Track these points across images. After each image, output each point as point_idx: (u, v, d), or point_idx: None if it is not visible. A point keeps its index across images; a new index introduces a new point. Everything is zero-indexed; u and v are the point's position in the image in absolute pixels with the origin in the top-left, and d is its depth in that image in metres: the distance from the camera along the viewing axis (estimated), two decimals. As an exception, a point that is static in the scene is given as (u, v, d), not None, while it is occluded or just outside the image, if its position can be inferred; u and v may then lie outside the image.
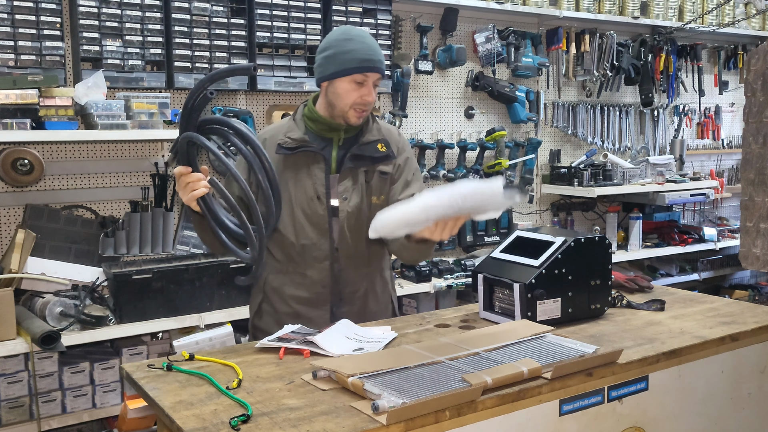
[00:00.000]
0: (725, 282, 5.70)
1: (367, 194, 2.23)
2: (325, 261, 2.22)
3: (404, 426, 1.47)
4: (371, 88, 2.17)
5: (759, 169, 3.36)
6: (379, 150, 2.24)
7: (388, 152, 2.26)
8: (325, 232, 2.20)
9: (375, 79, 2.18)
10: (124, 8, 3.06)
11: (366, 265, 2.28)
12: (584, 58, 4.71)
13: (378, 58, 2.16)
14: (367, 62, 2.13)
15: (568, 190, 4.53)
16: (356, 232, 2.22)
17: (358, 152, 2.22)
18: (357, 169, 2.22)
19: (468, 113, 4.35)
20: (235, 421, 1.44)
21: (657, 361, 1.90)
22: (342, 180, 2.21)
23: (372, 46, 2.17)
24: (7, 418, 2.84)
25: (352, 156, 2.21)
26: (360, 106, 2.16)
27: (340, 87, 2.15)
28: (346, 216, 2.20)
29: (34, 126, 2.76)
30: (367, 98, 2.15)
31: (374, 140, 2.25)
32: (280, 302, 2.27)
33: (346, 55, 2.13)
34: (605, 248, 2.23)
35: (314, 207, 2.19)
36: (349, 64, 2.12)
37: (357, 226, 2.22)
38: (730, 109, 5.78)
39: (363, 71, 2.13)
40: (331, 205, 2.20)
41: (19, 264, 2.80)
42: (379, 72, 2.17)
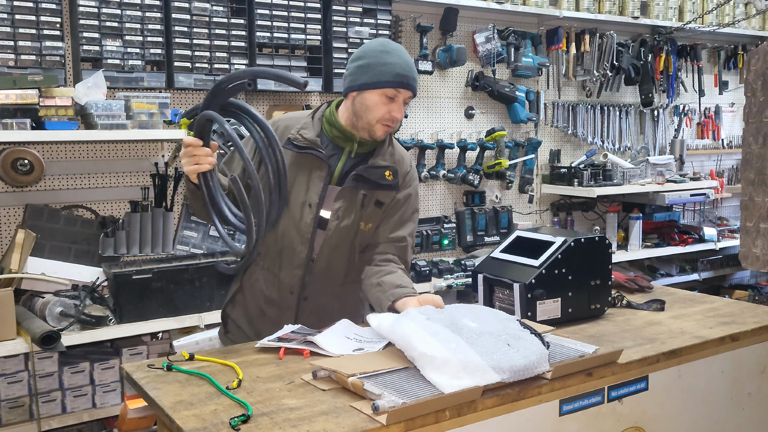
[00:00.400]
0: (725, 282, 5.70)
1: (357, 218, 2.17)
2: (298, 268, 2.17)
3: (404, 426, 1.47)
4: (401, 105, 2.10)
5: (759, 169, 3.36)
6: (386, 178, 2.17)
7: (393, 182, 2.19)
8: (306, 241, 2.15)
9: (406, 97, 2.11)
10: (124, 8, 3.06)
11: (339, 284, 2.23)
12: (584, 58, 4.71)
13: (413, 76, 2.10)
14: (403, 78, 2.07)
15: (568, 190, 4.53)
16: (336, 250, 2.18)
17: (363, 174, 2.15)
18: (357, 189, 2.16)
19: (468, 113, 4.35)
20: (235, 421, 1.45)
21: (657, 361, 1.90)
22: (339, 197, 2.15)
23: (409, 62, 2.10)
24: (7, 418, 2.84)
25: (356, 176, 2.14)
26: (387, 121, 2.11)
27: (370, 99, 2.08)
28: (333, 233, 2.15)
29: (34, 126, 2.76)
30: (395, 114, 2.09)
31: (383, 166, 2.17)
32: (251, 296, 2.26)
33: (382, 68, 2.06)
34: (605, 248, 2.23)
35: (303, 213, 2.15)
36: (384, 77, 2.06)
37: (339, 245, 2.17)
38: (730, 109, 5.78)
39: (396, 86, 2.06)
40: (320, 216, 2.15)
41: (19, 264, 2.80)
42: (412, 90, 2.10)
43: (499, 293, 2.23)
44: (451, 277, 3.83)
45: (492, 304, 2.26)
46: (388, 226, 2.22)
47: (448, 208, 4.33)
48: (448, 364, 1.55)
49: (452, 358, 1.55)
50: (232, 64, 3.31)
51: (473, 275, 2.31)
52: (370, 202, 2.17)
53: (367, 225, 2.19)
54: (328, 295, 2.22)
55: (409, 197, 2.26)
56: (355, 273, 2.24)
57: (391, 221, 2.22)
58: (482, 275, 2.26)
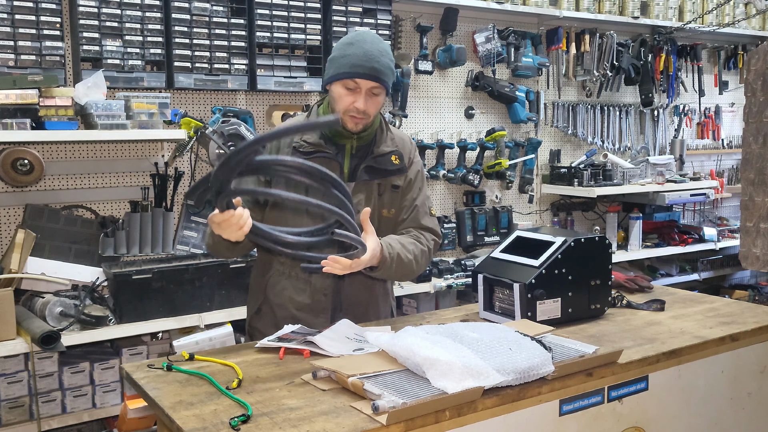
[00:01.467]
0: (725, 282, 5.70)
1: (378, 207, 2.21)
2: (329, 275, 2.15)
3: (404, 426, 1.47)
4: (363, 96, 2.08)
5: (759, 169, 3.35)
6: (394, 163, 2.21)
7: (401, 165, 2.23)
8: (335, 245, 2.12)
9: (369, 87, 2.09)
10: (124, 8, 3.06)
11: (369, 277, 2.22)
12: (584, 58, 4.71)
13: (373, 66, 2.07)
14: (359, 68, 2.06)
15: (568, 190, 4.53)
16: None
17: (373, 164, 2.18)
18: (372, 181, 2.19)
19: (468, 113, 4.35)
20: (235, 421, 1.45)
21: (657, 361, 1.90)
22: (356, 192, 2.17)
23: (370, 52, 2.07)
24: (7, 418, 2.84)
25: (367, 168, 2.18)
26: (352, 112, 2.10)
27: (335, 91, 2.11)
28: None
29: (34, 126, 2.76)
30: (358, 105, 2.08)
31: (389, 152, 2.22)
32: (279, 306, 2.25)
33: (342, 59, 2.08)
34: (605, 248, 2.24)
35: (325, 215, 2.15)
36: (342, 69, 2.08)
37: None
38: (730, 109, 5.78)
39: (352, 77, 2.06)
40: None
41: (19, 264, 2.80)
42: (371, 79, 2.07)
43: (499, 293, 2.23)
44: (451, 277, 3.83)
45: (492, 304, 2.26)
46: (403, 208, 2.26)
47: (448, 208, 4.33)
48: (452, 368, 1.55)
49: (456, 362, 1.55)
50: (232, 64, 3.31)
51: (473, 275, 2.31)
52: (386, 189, 2.22)
53: (390, 211, 2.23)
54: (361, 290, 2.25)
55: (418, 173, 2.30)
56: None
57: (405, 204, 2.26)
58: (482, 275, 2.26)
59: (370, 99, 2.11)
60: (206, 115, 3.45)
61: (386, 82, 2.11)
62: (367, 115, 2.12)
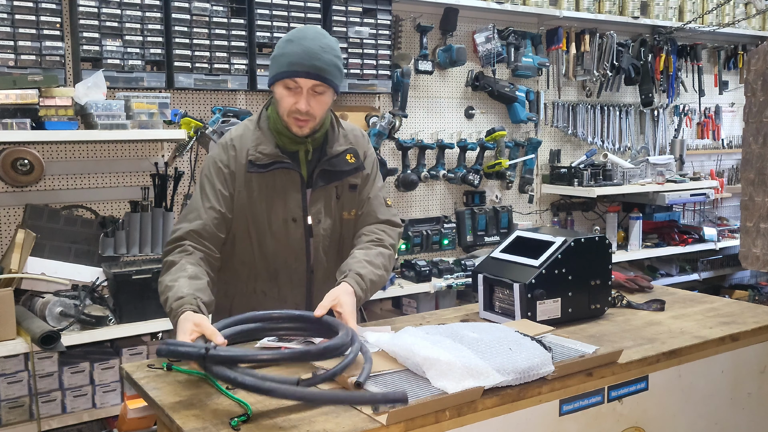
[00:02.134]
0: (725, 282, 5.70)
1: (338, 211, 2.13)
2: (300, 285, 2.12)
3: (404, 426, 1.47)
4: (305, 97, 1.96)
5: (759, 169, 3.35)
6: (349, 162, 2.11)
7: (357, 163, 2.13)
8: (301, 255, 2.10)
9: (311, 86, 1.96)
10: (124, 8, 3.06)
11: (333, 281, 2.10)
12: (584, 58, 4.71)
13: (313, 63, 1.94)
14: (296, 66, 1.93)
15: (568, 190, 4.53)
16: (331, 251, 2.14)
17: (328, 167, 2.08)
18: (328, 185, 2.10)
19: (468, 113, 4.35)
20: (235, 421, 1.44)
21: (657, 361, 1.90)
22: (315, 200, 2.08)
23: (309, 49, 1.94)
24: (7, 418, 2.84)
25: (322, 172, 2.07)
26: (295, 114, 1.98)
27: (277, 93, 2.00)
28: (321, 237, 2.10)
29: (34, 126, 2.76)
30: (299, 106, 1.96)
31: (342, 151, 2.11)
32: None
33: (281, 59, 1.97)
34: (605, 248, 2.23)
35: (290, 229, 2.07)
36: (280, 68, 1.96)
37: (331, 246, 2.14)
38: (730, 109, 5.78)
39: (290, 76, 1.94)
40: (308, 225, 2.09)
41: (19, 264, 2.80)
42: (313, 78, 1.94)
43: (499, 293, 2.23)
44: (451, 277, 3.83)
45: (492, 304, 2.26)
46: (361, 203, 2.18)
47: (448, 208, 4.33)
48: (452, 368, 1.55)
49: (456, 362, 1.55)
50: (232, 64, 3.31)
51: (473, 275, 2.31)
52: (344, 190, 2.13)
53: (351, 212, 2.15)
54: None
55: (373, 166, 2.21)
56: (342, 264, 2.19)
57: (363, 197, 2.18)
58: (482, 275, 2.26)
59: (314, 99, 1.98)
60: (206, 115, 3.45)
61: (330, 80, 1.98)
62: (312, 116, 2.00)
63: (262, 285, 2.14)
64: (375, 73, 3.70)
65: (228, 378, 1.45)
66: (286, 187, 2.06)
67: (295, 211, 2.07)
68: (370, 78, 3.69)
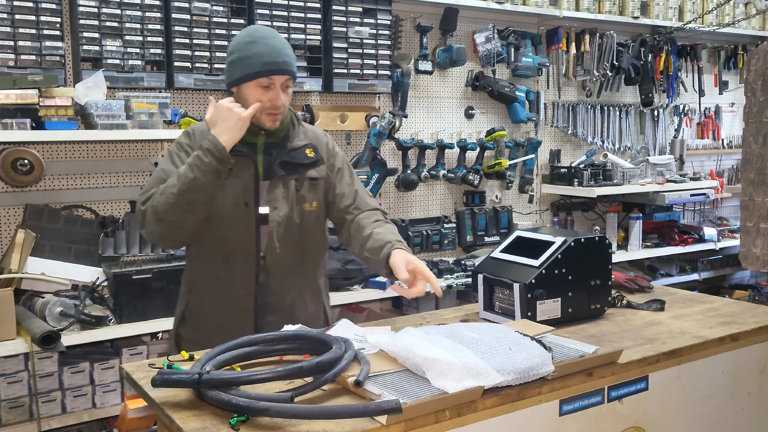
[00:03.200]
0: (725, 282, 5.70)
1: (297, 202, 2.19)
2: (250, 269, 2.15)
3: (404, 426, 1.47)
4: (279, 92, 2.09)
5: (759, 169, 3.35)
6: (308, 156, 2.20)
7: (316, 157, 2.22)
8: (251, 240, 2.14)
9: (283, 81, 2.10)
10: (124, 8, 3.06)
11: (296, 275, 2.22)
12: (584, 58, 4.71)
13: (283, 60, 2.09)
14: (271, 65, 2.07)
15: (568, 190, 4.53)
16: (286, 241, 2.17)
17: (288, 159, 2.17)
18: (288, 176, 2.17)
19: (468, 113, 4.35)
20: (234, 421, 1.45)
21: (657, 361, 1.90)
22: (273, 188, 2.16)
23: (276, 47, 2.09)
24: (7, 418, 2.84)
25: (282, 163, 2.16)
26: (270, 110, 2.10)
27: (248, 92, 2.10)
28: (276, 225, 2.15)
29: (34, 126, 2.76)
30: (275, 102, 2.09)
31: (302, 145, 2.21)
32: (203, 311, 2.21)
33: (250, 60, 2.07)
34: (605, 248, 2.23)
35: (242, 213, 2.13)
36: (253, 69, 2.07)
37: (287, 235, 2.17)
38: (730, 109, 5.78)
39: (267, 74, 2.07)
40: (260, 212, 2.14)
41: (19, 264, 2.80)
42: (285, 74, 2.10)
43: (499, 293, 2.23)
44: (451, 277, 3.83)
45: (492, 304, 2.26)
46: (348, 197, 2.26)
47: (448, 208, 4.33)
48: (452, 368, 1.55)
49: (456, 362, 1.55)
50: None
51: (473, 275, 2.31)
52: (303, 183, 2.20)
53: (312, 204, 2.21)
54: (286, 289, 2.21)
55: (344, 162, 2.31)
56: (311, 259, 2.27)
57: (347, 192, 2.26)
58: (482, 275, 2.26)
59: (285, 93, 2.12)
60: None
61: (296, 75, 2.16)
62: (284, 109, 2.14)
63: (216, 268, 2.18)
64: (375, 73, 3.70)
65: (223, 401, 1.47)
66: (240, 173, 2.13)
67: (247, 197, 2.13)
68: (370, 78, 3.69)
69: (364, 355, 1.69)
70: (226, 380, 1.52)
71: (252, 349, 1.76)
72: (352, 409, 1.46)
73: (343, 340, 1.72)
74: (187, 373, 1.54)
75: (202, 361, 1.63)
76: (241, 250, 2.15)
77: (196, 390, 1.55)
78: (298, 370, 1.56)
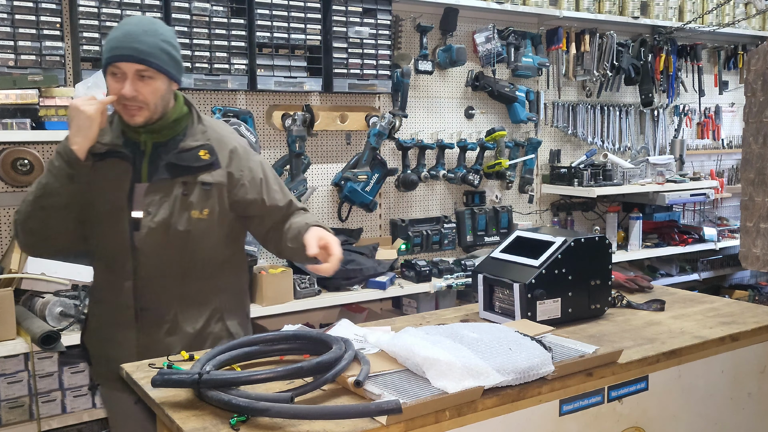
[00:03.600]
0: (725, 282, 5.70)
1: (183, 208, 1.97)
2: (126, 279, 1.99)
3: (404, 426, 1.47)
4: (130, 81, 1.88)
5: (759, 169, 3.35)
6: (201, 158, 1.99)
7: (211, 160, 2.00)
8: (126, 248, 1.97)
9: (135, 71, 1.89)
10: (124, 8, 3.06)
11: (177, 285, 2.01)
12: (584, 58, 4.71)
13: (131, 45, 1.87)
14: (115, 50, 1.88)
15: (568, 190, 4.53)
16: (165, 250, 1.98)
17: (174, 161, 1.97)
18: (174, 179, 1.97)
19: (468, 113, 4.35)
20: (234, 421, 1.45)
21: (657, 361, 1.90)
22: (151, 192, 1.97)
23: (129, 33, 1.89)
24: (7, 418, 2.84)
25: (168, 165, 1.97)
26: (123, 101, 1.90)
27: (107, 81, 1.94)
28: (149, 231, 1.96)
29: (34, 126, 2.76)
30: (124, 92, 1.89)
31: (196, 146, 2.00)
32: (96, 321, 2.12)
33: (106, 45, 1.92)
34: (605, 248, 2.23)
35: (116, 219, 1.97)
36: (104, 55, 1.91)
37: (170, 242, 1.97)
38: (730, 109, 5.78)
39: (112, 61, 1.89)
40: (133, 217, 1.96)
41: (19, 264, 2.80)
42: (134, 61, 1.87)
43: (499, 293, 2.23)
44: (451, 277, 3.83)
45: (492, 304, 2.26)
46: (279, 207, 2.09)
47: (448, 208, 4.33)
48: (452, 368, 1.55)
49: (456, 362, 1.55)
50: (231, 64, 3.31)
51: (473, 275, 2.31)
52: (194, 187, 1.99)
53: (203, 211, 1.99)
54: (168, 302, 2.02)
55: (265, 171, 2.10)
56: (204, 271, 2.05)
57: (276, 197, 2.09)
58: (482, 275, 2.26)
59: (141, 83, 1.90)
60: (206, 115, 3.44)
61: (156, 64, 1.90)
62: (144, 102, 1.91)
63: (100, 277, 2.11)
64: (375, 73, 3.70)
65: (223, 401, 1.47)
66: (119, 177, 1.98)
67: (121, 200, 1.97)
68: (370, 78, 3.69)
69: (364, 355, 1.69)
70: (226, 380, 1.52)
71: (252, 349, 1.76)
72: (352, 410, 1.46)
73: (343, 340, 1.72)
74: (187, 373, 1.54)
75: (202, 361, 1.63)
76: (119, 258, 1.99)
77: (196, 390, 1.55)
78: (298, 370, 1.56)
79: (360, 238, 3.88)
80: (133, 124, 1.95)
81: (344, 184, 3.73)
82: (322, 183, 3.85)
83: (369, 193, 3.79)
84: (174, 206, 1.97)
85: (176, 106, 2.03)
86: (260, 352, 1.77)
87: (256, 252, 3.38)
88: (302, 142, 3.53)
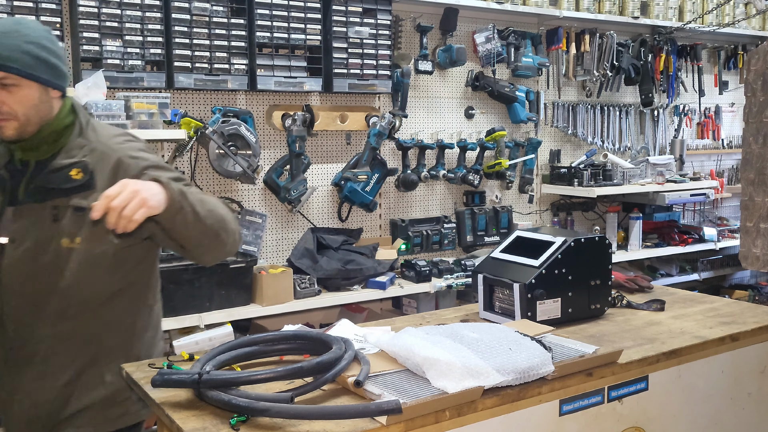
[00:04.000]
0: (725, 282, 5.70)
1: (51, 236, 1.72)
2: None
3: (404, 426, 1.47)
4: None
5: (759, 169, 3.35)
6: (73, 178, 1.72)
7: (84, 180, 1.72)
8: None
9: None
10: (124, 8, 3.06)
11: (51, 321, 1.77)
12: (584, 58, 4.71)
13: None
14: None
15: (568, 190, 4.53)
16: (32, 280, 1.75)
17: (42, 183, 1.72)
18: (44, 203, 1.72)
19: (468, 113, 4.35)
20: (234, 421, 1.45)
21: (657, 361, 1.90)
22: (18, 216, 1.74)
23: None
24: (7, 418, 2.83)
25: (35, 188, 1.72)
26: None
27: None
28: (13, 262, 1.74)
29: (34, 126, 2.76)
30: None
31: (67, 164, 1.73)
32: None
33: None
34: (605, 248, 2.23)
35: None
36: None
37: (32, 275, 1.74)
38: (730, 109, 5.78)
39: None
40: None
41: None
42: None
43: (499, 293, 2.23)
44: (451, 277, 3.83)
45: (492, 304, 2.26)
46: None
47: (448, 208, 4.33)
48: (452, 368, 1.55)
49: (456, 362, 1.55)
50: (232, 64, 3.31)
51: (473, 275, 2.31)
52: (65, 212, 1.73)
53: (75, 240, 1.73)
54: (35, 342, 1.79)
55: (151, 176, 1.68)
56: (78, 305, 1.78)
57: None
58: (482, 275, 2.26)
59: (4, 92, 1.67)
60: (206, 115, 3.45)
61: (17, 69, 1.66)
62: (10, 114, 1.68)
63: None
64: (375, 73, 3.70)
65: (223, 401, 1.47)
66: None
67: None
68: (370, 78, 3.69)
69: (364, 355, 1.69)
70: (226, 380, 1.52)
71: (252, 349, 1.76)
72: (352, 410, 1.46)
73: (343, 340, 1.72)
74: (187, 373, 1.55)
75: (202, 361, 1.63)
76: None
77: (196, 390, 1.55)
78: (298, 370, 1.56)
79: (360, 238, 3.89)
80: (4, 138, 1.72)
81: (344, 184, 3.73)
82: (322, 183, 3.85)
83: (369, 193, 3.79)
84: (42, 234, 1.73)
85: (58, 116, 1.76)
86: (260, 352, 1.77)
87: (256, 252, 3.38)
88: (302, 142, 3.54)
